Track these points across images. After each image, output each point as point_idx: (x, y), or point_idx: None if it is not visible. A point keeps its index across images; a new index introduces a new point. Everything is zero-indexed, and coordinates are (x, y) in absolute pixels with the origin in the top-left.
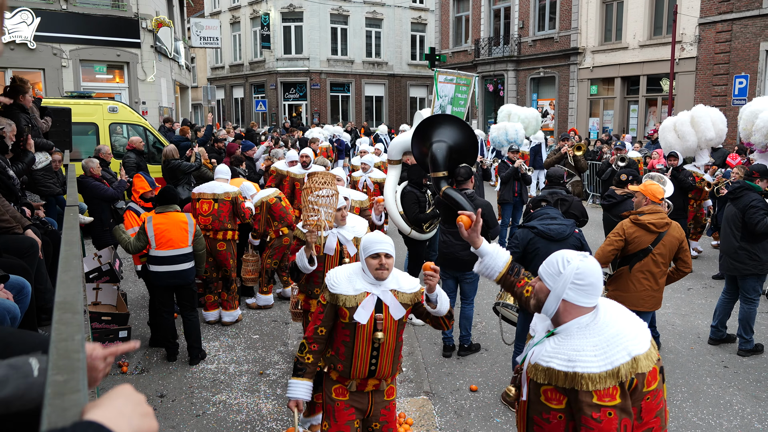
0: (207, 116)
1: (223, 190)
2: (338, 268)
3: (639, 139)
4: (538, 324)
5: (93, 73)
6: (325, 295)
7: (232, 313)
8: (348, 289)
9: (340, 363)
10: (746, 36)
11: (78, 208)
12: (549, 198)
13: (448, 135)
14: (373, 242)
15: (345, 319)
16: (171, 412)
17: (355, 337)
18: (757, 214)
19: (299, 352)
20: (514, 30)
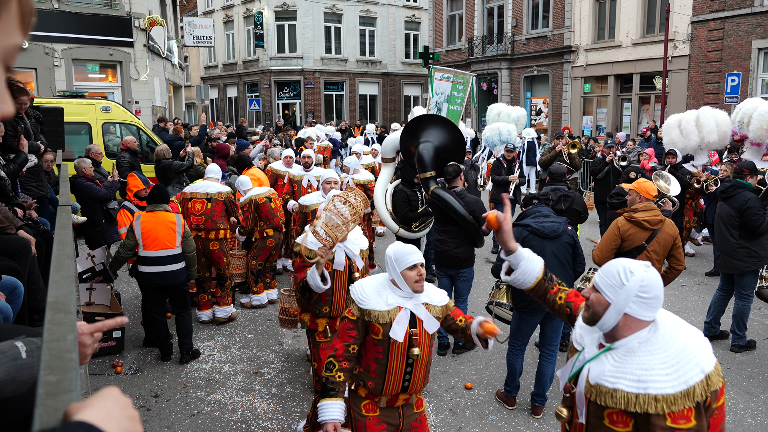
0: (200, 116)
1: (216, 189)
2: (363, 282)
3: (632, 137)
4: (584, 336)
5: (85, 73)
6: (352, 309)
7: (224, 309)
8: (379, 303)
9: (371, 380)
10: (738, 34)
11: (71, 207)
12: (551, 195)
13: (434, 136)
14: (407, 253)
15: (377, 335)
16: (166, 412)
17: (389, 353)
18: (757, 215)
19: (327, 372)
20: (508, 28)
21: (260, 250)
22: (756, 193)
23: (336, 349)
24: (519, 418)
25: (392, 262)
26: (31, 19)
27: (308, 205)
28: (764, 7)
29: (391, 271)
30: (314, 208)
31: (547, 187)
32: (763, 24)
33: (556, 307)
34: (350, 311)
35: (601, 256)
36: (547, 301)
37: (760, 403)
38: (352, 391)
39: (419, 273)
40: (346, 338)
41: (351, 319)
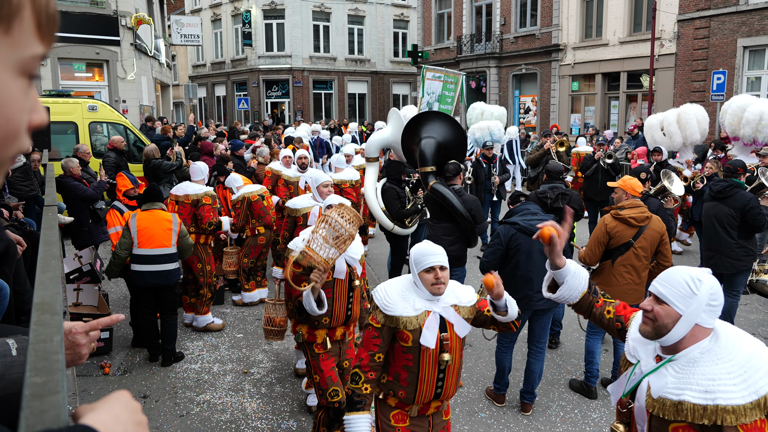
0: (188, 115)
1: (184, 192)
2: (386, 285)
3: (620, 134)
4: (638, 348)
5: (72, 72)
6: (377, 317)
7: (198, 319)
8: (407, 309)
9: (401, 390)
10: (724, 32)
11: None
12: (550, 193)
13: (437, 131)
14: (425, 254)
15: (407, 342)
16: (155, 413)
17: (420, 361)
18: (761, 215)
19: (353, 384)
20: (496, 27)
21: (251, 248)
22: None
23: (361, 359)
24: (508, 416)
25: (411, 262)
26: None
27: (298, 209)
28: (749, 5)
29: (412, 273)
30: (305, 211)
31: (545, 185)
32: (748, 22)
33: (605, 321)
34: (374, 318)
35: (590, 254)
36: (593, 316)
37: None
38: (380, 401)
39: (436, 276)
40: (371, 347)
41: (375, 326)
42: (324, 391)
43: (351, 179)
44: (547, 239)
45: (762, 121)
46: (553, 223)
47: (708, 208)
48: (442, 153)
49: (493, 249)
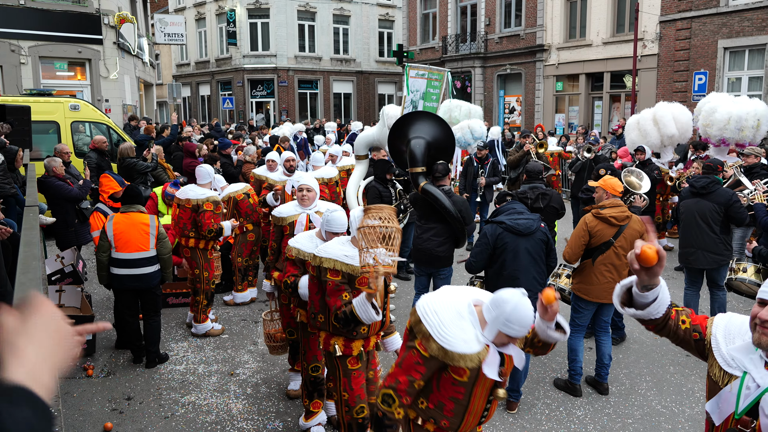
0: (172, 114)
1: (185, 196)
2: (436, 308)
3: (604, 134)
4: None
5: (53, 70)
6: (428, 346)
7: (198, 327)
8: (469, 344)
9: (444, 419)
10: (705, 33)
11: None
12: (530, 193)
13: (426, 131)
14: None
15: (461, 377)
16: (139, 415)
17: (472, 395)
18: (743, 209)
19: (384, 405)
20: (481, 27)
21: (242, 246)
22: None
23: (398, 383)
24: (494, 415)
25: (503, 318)
26: None
27: (285, 217)
28: (729, 7)
29: (492, 316)
30: (292, 220)
31: (525, 185)
32: (729, 24)
33: (680, 333)
34: (422, 345)
35: (571, 252)
36: (666, 328)
37: None
38: (415, 424)
39: (511, 342)
40: (412, 373)
41: (423, 354)
42: (351, 408)
43: (324, 176)
44: (653, 259)
45: (729, 121)
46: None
47: (690, 204)
48: (432, 153)
49: (480, 248)
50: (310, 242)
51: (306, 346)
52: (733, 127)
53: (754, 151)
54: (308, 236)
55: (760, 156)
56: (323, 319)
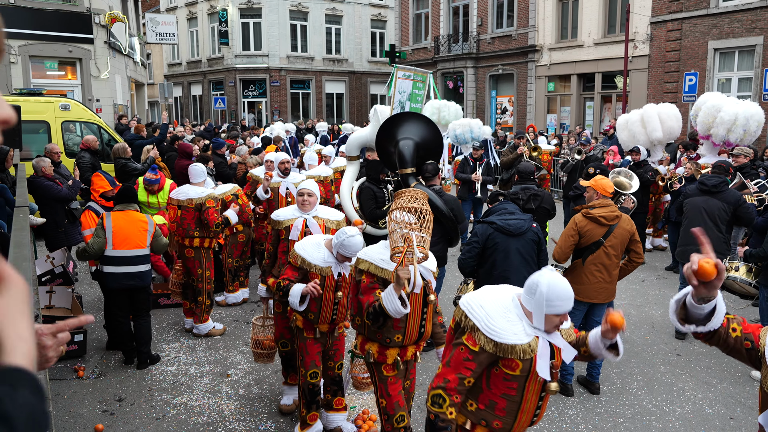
0: (163, 114)
1: (186, 196)
2: (480, 300)
3: (595, 135)
4: None
5: (43, 70)
6: (477, 338)
7: (199, 327)
8: (518, 335)
9: (497, 420)
10: (695, 35)
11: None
12: (521, 194)
13: (414, 132)
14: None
15: (514, 371)
16: (130, 416)
17: (525, 390)
18: (751, 210)
19: (435, 407)
20: (473, 27)
21: (233, 247)
22: None
23: (447, 381)
24: None
25: (542, 300)
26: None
27: (281, 221)
28: (719, 8)
29: (535, 305)
30: (288, 224)
31: (517, 185)
32: (719, 25)
33: (730, 342)
34: (471, 339)
35: (561, 252)
36: (716, 337)
37: (718, 393)
38: (464, 430)
39: (562, 320)
40: (462, 370)
41: (472, 349)
42: (390, 416)
43: (319, 175)
44: (711, 273)
45: (737, 122)
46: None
47: (698, 201)
48: (420, 154)
49: (470, 247)
50: (317, 252)
51: (303, 351)
52: (740, 127)
53: (743, 152)
54: (315, 245)
55: (749, 156)
56: (360, 322)
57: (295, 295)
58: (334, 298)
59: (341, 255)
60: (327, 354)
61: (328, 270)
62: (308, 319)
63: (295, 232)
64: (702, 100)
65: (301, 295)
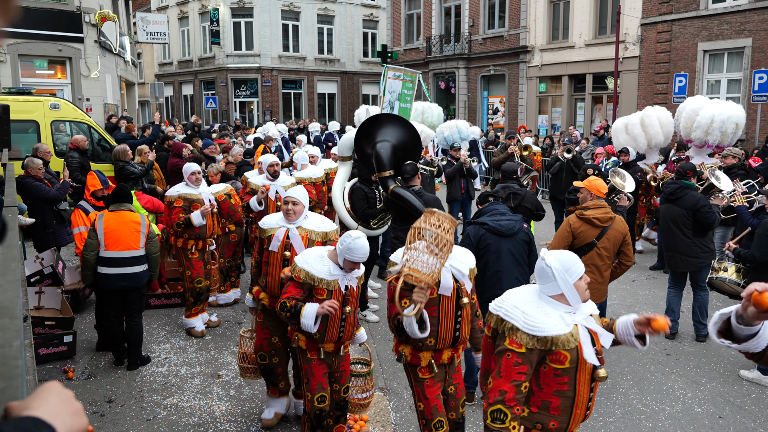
0: (155, 115)
1: (177, 192)
2: (515, 301)
3: (586, 135)
4: None
5: (33, 69)
6: (519, 339)
7: (184, 320)
8: (558, 325)
9: (553, 420)
10: (685, 36)
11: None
12: (501, 192)
13: (390, 134)
14: (574, 261)
15: (563, 364)
16: (120, 417)
17: (576, 383)
18: (710, 213)
19: (498, 423)
20: (465, 28)
21: (224, 247)
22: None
23: (503, 393)
24: (477, 413)
25: (561, 273)
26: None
27: (265, 230)
28: (709, 10)
29: (560, 283)
30: (271, 233)
31: (499, 184)
32: (708, 27)
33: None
34: (514, 342)
35: None
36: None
37: (707, 392)
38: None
39: (586, 281)
40: (515, 376)
41: (518, 351)
42: (429, 421)
43: (311, 177)
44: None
45: (713, 124)
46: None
47: (663, 210)
48: (399, 155)
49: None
50: (321, 264)
51: (308, 374)
52: (717, 130)
53: (731, 152)
54: (318, 257)
55: (738, 157)
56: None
57: (309, 317)
58: (341, 314)
59: (349, 262)
60: (332, 376)
61: (335, 283)
62: (313, 338)
63: (276, 243)
64: (684, 104)
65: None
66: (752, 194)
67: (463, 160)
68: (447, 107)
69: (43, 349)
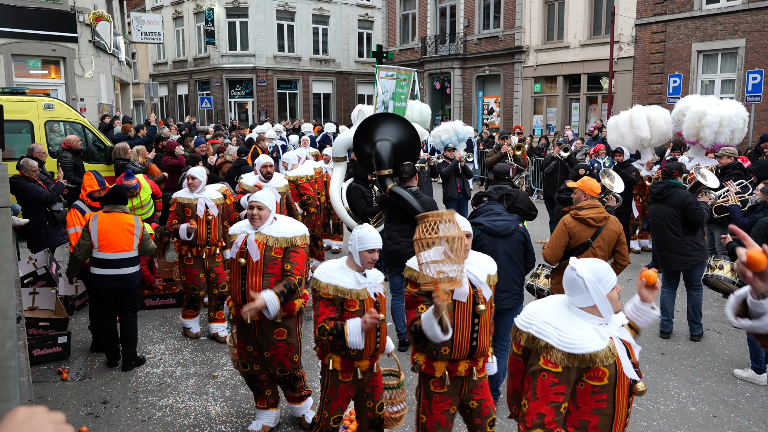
0: (150, 115)
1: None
2: (544, 316)
3: (581, 135)
4: None
5: (26, 69)
6: (554, 358)
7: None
8: (595, 340)
9: None
10: (679, 37)
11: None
12: (494, 194)
13: (390, 133)
14: (607, 270)
15: (601, 380)
16: (115, 419)
17: (616, 400)
18: (698, 210)
19: None
20: (460, 28)
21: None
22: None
23: (542, 416)
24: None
25: (594, 284)
26: None
27: (231, 235)
28: (703, 11)
29: (592, 295)
30: (233, 239)
31: (491, 185)
32: (702, 27)
33: None
34: (549, 361)
35: (551, 254)
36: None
37: (701, 392)
38: None
39: (619, 290)
40: (552, 397)
41: (555, 372)
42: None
43: (306, 175)
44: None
45: (722, 123)
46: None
47: (652, 210)
48: (398, 155)
49: None
50: (345, 275)
51: (332, 396)
52: (726, 130)
53: (727, 152)
54: (339, 268)
55: (733, 156)
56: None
57: (355, 333)
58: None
59: (367, 253)
60: (363, 392)
61: (365, 293)
62: (349, 357)
63: (234, 249)
64: (684, 104)
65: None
66: (745, 194)
67: (458, 159)
68: (442, 107)
69: (37, 350)
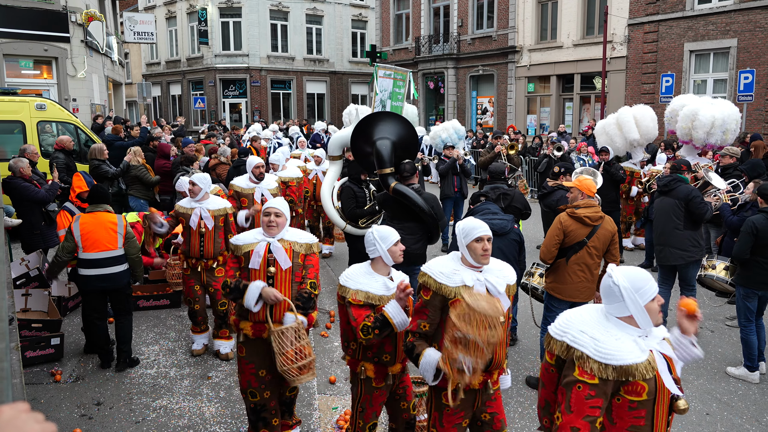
0: (142, 117)
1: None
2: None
3: (574, 135)
4: None
5: (18, 69)
6: (590, 369)
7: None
8: (634, 352)
9: None
10: (671, 37)
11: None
12: (491, 193)
13: (389, 131)
14: (649, 280)
15: (640, 396)
16: (108, 420)
17: (654, 416)
18: (703, 204)
19: None
20: (454, 28)
21: None
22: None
23: (576, 430)
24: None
25: (631, 294)
26: None
27: (241, 246)
28: (695, 11)
29: (629, 305)
30: (248, 249)
31: (487, 185)
32: (694, 27)
33: None
34: (585, 372)
35: (546, 252)
36: None
37: (694, 390)
38: None
39: (659, 303)
40: (589, 411)
41: (592, 383)
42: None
43: (296, 176)
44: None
45: (714, 124)
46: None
47: (657, 203)
48: (398, 153)
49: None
50: (373, 281)
51: (366, 404)
52: (719, 129)
53: (729, 152)
54: (365, 273)
55: (735, 156)
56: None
57: (397, 313)
58: None
59: (393, 249)
60: (396, 394)
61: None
62: (382, 363)
63: (256, 259)
64: (678, 103)
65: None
66: (736, 193)
67: (456, 157)
68: (436, 107)
69: (30, 351)
